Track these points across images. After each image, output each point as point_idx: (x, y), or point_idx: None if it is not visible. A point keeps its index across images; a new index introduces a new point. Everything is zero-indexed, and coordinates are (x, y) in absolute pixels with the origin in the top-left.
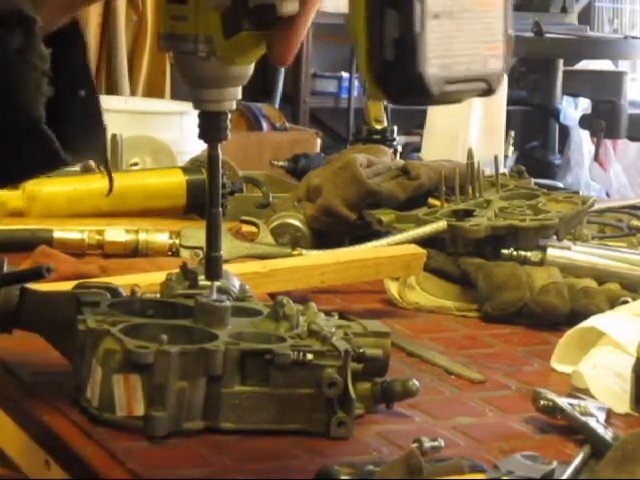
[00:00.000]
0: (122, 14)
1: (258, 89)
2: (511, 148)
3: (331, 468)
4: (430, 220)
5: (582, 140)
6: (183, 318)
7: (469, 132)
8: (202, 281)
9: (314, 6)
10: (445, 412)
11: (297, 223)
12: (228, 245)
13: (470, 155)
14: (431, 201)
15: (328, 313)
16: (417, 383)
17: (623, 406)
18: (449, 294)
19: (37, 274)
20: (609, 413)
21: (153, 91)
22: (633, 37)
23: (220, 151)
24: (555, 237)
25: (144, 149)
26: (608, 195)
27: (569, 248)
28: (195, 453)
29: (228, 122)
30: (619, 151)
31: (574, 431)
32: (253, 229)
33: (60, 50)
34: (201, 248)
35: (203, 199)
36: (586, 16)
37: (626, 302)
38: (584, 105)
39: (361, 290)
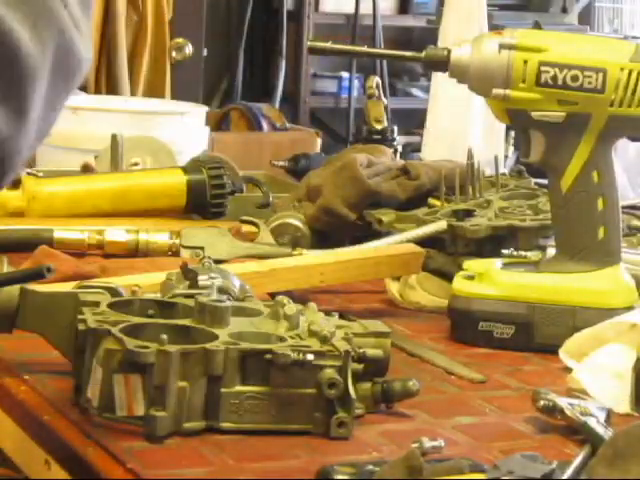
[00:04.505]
0: (122, 14)
1: (258, 89)
2: (511, 148)
3: (331, 468)
4: (430, 220)
5: None
6: (183, 318)
7: (469, 132)
8: (202, 281)
9: None
10: (445, 412)
11: (297, 223)
12: (228, 245)
13: (470, 155)
14: (431, 201)
15: (328, 313)
16: (417, 383)
17: (623, 406)
18: (449, 294)
19: (37, 274)
20: (609, 413)
21: (153, 91)
22: (633, 37)
23: None
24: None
25: (144, 149)
26: None
27: None
28: (195, 453)
29: None
30: (619, 151)
31: (574, 431)
32: (253, 229)
33: None
34: (201, 248)
35: (203, 199)
36: (586, 16)
37: None
38: None
39: (361, 290)
